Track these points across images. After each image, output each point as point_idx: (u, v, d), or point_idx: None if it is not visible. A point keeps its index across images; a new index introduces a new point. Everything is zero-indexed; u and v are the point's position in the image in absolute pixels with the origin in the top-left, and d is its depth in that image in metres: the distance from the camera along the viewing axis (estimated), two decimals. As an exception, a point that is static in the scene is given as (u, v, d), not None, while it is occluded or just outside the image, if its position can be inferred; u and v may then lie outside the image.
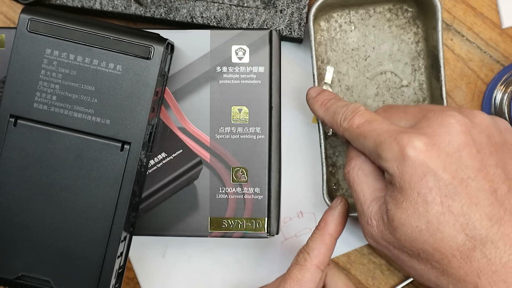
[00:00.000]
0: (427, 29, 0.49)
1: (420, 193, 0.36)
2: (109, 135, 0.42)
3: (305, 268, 0.42)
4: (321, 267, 0.42)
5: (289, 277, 0.42)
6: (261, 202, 0.46)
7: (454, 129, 0.36)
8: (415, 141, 0.36)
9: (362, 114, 0.40)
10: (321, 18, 0.50)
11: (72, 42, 0.42)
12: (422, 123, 0.38)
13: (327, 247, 0.42)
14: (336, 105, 0.42)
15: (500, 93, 0.49)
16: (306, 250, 0.43)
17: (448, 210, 0.35)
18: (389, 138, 0.37)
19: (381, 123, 0.39)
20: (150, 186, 0.46)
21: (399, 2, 0.49)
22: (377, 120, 0.39)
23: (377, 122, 0.39)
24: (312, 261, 0.42)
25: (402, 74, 0.50)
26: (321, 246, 0.42)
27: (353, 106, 0.41)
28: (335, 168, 0.50)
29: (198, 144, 0.46)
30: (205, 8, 0.48)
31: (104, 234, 0.42)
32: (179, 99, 0.46)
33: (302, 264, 0.42)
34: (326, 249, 0.42)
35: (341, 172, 0.50)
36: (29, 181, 0.42)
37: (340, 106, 0.42)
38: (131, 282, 0.52)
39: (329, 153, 0.50)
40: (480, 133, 0.37)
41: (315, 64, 0.47)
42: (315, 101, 0.44)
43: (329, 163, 0.50)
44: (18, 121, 0.42)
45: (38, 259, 0.42)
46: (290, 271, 0.42)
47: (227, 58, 0.46)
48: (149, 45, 0.42)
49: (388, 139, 0.37)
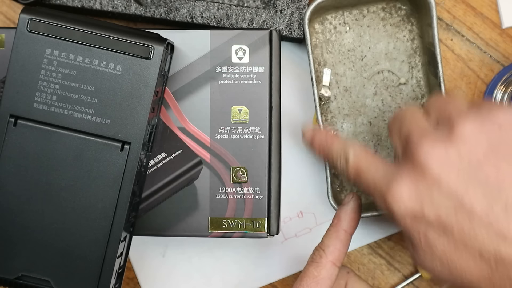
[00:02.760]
0: (422, 26, 0.49)
1: (420, 236, 0.36)
2: (109, 135, 0.42)
3: (321, 265, 0.42)
4: (337, 263, 0.42)
5: (306, 275, 0.42)
6: (261, 202, 0.46)
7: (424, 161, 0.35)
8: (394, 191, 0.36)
9: (352, 165, 0.40)
10: (316, 21, 0.50)
11: (72, 42, 0.42)
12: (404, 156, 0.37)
13: (342, 243, 0.42)
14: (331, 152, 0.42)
15: (500, 93, 0.49)
16: (321, 247, 0.42)
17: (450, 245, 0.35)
18: (375, 191, 0.38)
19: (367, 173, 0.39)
20: (150, 186, 0.46)
21: (392, 0, 0.49)
22: (363, 171, 0.39)
23: (364, 173, 0.39)
24: (328, 257, 0.42)
25: (399, 72, 0.50)
26: (336, 242, 0.42)
27: (344, 154, 0.41)
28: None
29: (198, 144, 0.46)
30: (205, 8, 0.48)
31: (104, 234, 0.42)
32: (179, 99, 0.46)
33: (318, 261, 0.42)
34: (342, 245, 0.42)
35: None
36: (29, 181, 0.42)
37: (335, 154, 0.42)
38: (131, 282, 0.52)
39: (329, 154, 0.50)
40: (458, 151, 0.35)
41: (312, 67, 0.47)
42: (313, 150, 0.45)
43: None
44: (18, 121, 0.42)
45: (38, 259, 0.42)
46: (306, 269, 0.42)
47: (227, 58, 0.46)
48: (149, 45, 0.42)
49: (375, 194, 0.38)
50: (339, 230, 0.42)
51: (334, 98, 0.50)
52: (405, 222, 0.36)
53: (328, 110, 0.50)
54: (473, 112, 0.36)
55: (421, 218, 0.36)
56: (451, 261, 0.36)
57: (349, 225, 0.43)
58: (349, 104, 0.50)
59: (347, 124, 0.50)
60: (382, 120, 0.50)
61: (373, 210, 0.47)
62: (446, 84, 0.50)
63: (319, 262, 0.42)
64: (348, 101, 0.50)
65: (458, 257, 0.35)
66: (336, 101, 0.50)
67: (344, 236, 0.42)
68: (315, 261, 0.42)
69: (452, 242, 0.35)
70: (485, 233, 0.34)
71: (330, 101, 0.50)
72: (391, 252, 0.51)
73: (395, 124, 0.40)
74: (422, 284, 0.51)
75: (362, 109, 0.50)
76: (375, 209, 0.47)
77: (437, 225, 0.35)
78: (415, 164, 0.36)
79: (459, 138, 0.35)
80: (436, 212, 0.35)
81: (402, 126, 0.39)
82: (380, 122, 0.50)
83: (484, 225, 0.34)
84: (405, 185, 0.36)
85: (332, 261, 0.42)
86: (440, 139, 0.36)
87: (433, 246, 0.36)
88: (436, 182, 0.35)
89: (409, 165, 0.36)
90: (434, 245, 0.36)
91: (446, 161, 0.35)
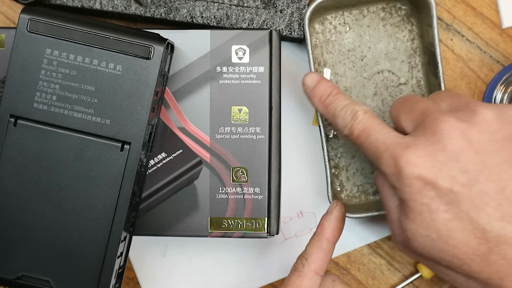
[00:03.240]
0: (422, 26, 0.49)
1: (423, 203, 0.36)
2: (109, 135, 0.42)
3: (303, 274, 0.42)
4: (319, 272, 0.42)
5: (288, 284, 0.42)
6: (261, 202, 0.46)
7: (447, 135, 0.36)
8: (409, 154, 0.36)
9: (361, 121, 0.40)
10: (316, 21, 0.50)
11: (72, 42, 0.42)
12: (419, 130, 0.38)
13: (324, 252, 0.42)
14: (335, 105, 0.42)
15: (500, 93, 0.49)
16: (304, 256, 0.43)
17: (454, 216, 0.35)
18: (385, 152, 0.38)
19: (378, 133, 0.39)
20: (150, 186, 0.46)
21: (392, 0, 0.49)
22: (374, 129, 0.39)
23: (374, 132, 0.39)
24: (310, 266, 0.42)
25: (400, 72, 0.50)
26: (319, 251, 0.42)
27: (352, 110, 0.41)
28: (338, 170, 0.50)
29: (198, 144, 0.46)
30: (205, 8, 0.48)
31: (104, 234, 0.42)
32: (179, 99, 0.46)
33: (300, 270, 0.42)
34: (324, 254, 0.42)
35: (344, 173, 0.50)
36: (29, 181, 0.42)
37: (339, 108, 0.42)
38: (131, 282, 0.52)
39: (331, 155, 0.50)
40: (480, 132, 0.36)
41: (312, 68, 0.47)
42: (313, 95, 0.44)
43: (332, 165, 0.50)
44: (18, 121, 0.42)
45: (38, 259, 0.42)
46: (289, 278, 0.42)
47: (227, 58, 0.46)
48: (149, 45, 0.42)
49: (384, 153, 0.38)
50: (322, 239, 0.42)
51: (334, 98, 0.50)
52: (411, 185, 0.36)
53: (328, 110, 0.50)
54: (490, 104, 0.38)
55: (432, 186, 0.36)
56: (450, 232, 0.35)
57: (332, 234, 0.43)
58: (349, 104, 0.50)
59: (347, 124, 0.50)
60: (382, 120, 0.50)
61: (373, 210, 0.47)
62: (446, 84, 0.50)
63: (301, 271, 0.42)
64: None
65: (460, 230, 0.35)
66: (336, 101, 0.50)
67: (327, 245, 0.42)
68: (297, 270, 0.42)
69: (458, 213, 0.35)
70: (493, 212, 0.35)
71: (330, 101, 0.50)
72: (391, 252, 0.51)
73: (405, 103, 0.41)
74: (422, 284, 0.51)
75: (362, 109, 0.50)
76: (375, 209, 0.47)
77: (446, 195, 0.35)
78: (436, 137, 0.36)
79: (482, 121, 0.37)
80: (450, 182, 0.35)
81: (416, 105, 0.40)
82: (380, 122, 0.50)
83: (494, 204, 0.35)
84: (423, 152, 0.36)
85: (315, 270, 0.42)
86: (463, 119, 0.37)
87: (435, 214, 0.36)
88: (455, 156, 0.36)
89: (428, 137, 0.37)
90: (436, 214, 0.36)
91: (468, 138, 0.36)
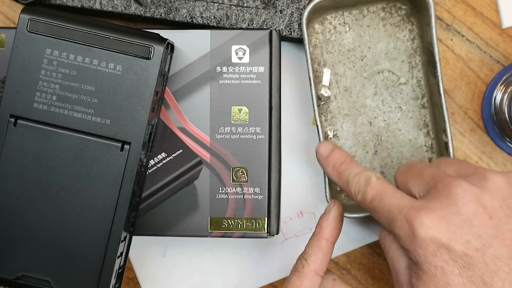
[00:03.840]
0: (422, 26, 0.49)
1: (437, 266, 0.36)
2: (109, 135, 0.42)
3: (303, 274, 0.42)
4: (319, 272, 0.42)
5: (289, 285, 0.42)
6: (261, 202, 0.46)
7: (461, 199, 0.37)
8: (423, 218, 0.37)
9: (374, 187, 0.40)
10: (315, 21, 0.50)
11: (72, 42, 0.42)
12: (432, 193, 0.38)
13: (324, 252, 0.42)
14: (349, 172, 0.43)
15: (500, 93, 0.49)
16: (303, 256, 0.43)
17: (469, 280, 0.36)
18: (399, 215, 0.38)
19: (391, 197, 0.39)
20: (150, 186, 0.46)
21: (392, 0, 0.49)
22: (387, 193, 0.40)
23: (388, 196, 0.39)
24: (310, 267, 0.42)
25: (400, 72, 0.50)
26: (318, 251, 0.42)
27: (365, 176, 0.41)
28: (335, 168, 0.50)
29: (198, 144, 0.46)
30: (205, 8, 0.48)
31: (104, 234, 0.42)
32: (179, 99, 0.46)
33: (300, 271, 0.42)
34: (323, 254, 0.42)
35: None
36: (29, 181, 0.42)
37: (353, 174, 0.42)
38: (131, 282, 0.52)
39: (329, 153, 0.50)
40: (492, 198, 0.37)
41: (310, 68, 0.47)
42: (326, 163, 0.45)
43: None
44: (18, 121, 0.42)
45: (38, 259, 0.42)
46: (289, 278, 0.42)
47: (227, 58, 0.46)
48: (149, 45, 0.42)
49: (398, 216, 0.38)
50: (321, 239, 0.43)
51: (334, 98, 0.50)
52: (426, 247, 0.37)
53: (328, 110, 0.50)
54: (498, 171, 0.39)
55: (446, 249, 0.36)
56: None
57: (331, 234, 0.43)
58: (349, 104, 0.50)
59: (347, 124, 0.50)
60: (382, 120, 0.50)
61: None
62: (446, 84, 0.51)
63: (301, 272, 0.42)
64: (348, 101, 0.50)
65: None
66: (336, 101, 0.50)
67: (326, 245, 0.43)
68: (297, 271, 0.42)
69: (472, 277, 0.36)
70: (506, 276, 0.36)
71: (330, 101, 0.50)
72: (391, 252, 0.51)
73: (412, 170, 0.41)
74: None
75: (362, 109, 0.50)
76: None
77: (461, 259, 0.36)
78: (450, 200, 0.37)
79: (493, 186, 0.37)
80: (464, 246, 0.36)
81: (424, 170, 0.40)
82: (380, 122, 0.50)
83: (508, 270, 0.36)
84: (437, 215, 0.37)
85: (315, 270, 0.42)
86: (475, 184, 0.37)
87: (450, 277, 0.36)
88: (469, 220, 0.36)
89: (442, 200, 0.37)
90: (451, 277, 0.36)
91: (482, 203, 0.37)
